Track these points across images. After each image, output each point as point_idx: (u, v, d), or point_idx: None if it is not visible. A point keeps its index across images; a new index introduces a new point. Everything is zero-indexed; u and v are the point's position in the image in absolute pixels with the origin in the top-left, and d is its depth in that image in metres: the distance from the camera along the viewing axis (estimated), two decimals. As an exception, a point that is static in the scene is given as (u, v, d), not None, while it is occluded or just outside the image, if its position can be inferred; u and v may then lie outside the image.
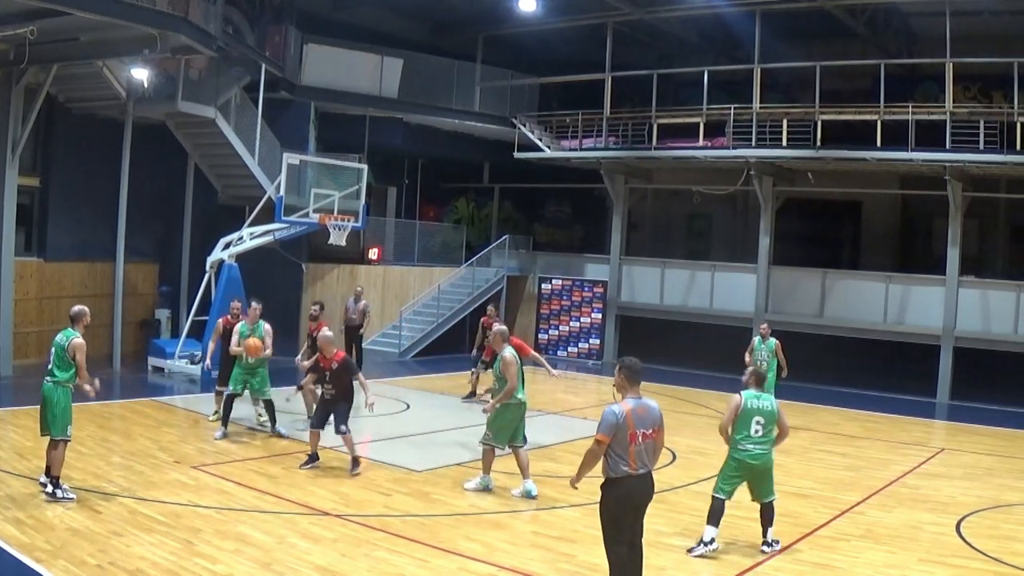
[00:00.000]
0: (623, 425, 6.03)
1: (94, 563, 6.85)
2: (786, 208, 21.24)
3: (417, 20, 23.83)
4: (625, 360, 6.35)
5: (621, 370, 6.29)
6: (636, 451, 6.06)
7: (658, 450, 6.31)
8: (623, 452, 6.03)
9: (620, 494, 6.09)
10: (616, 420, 6.04)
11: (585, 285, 23.47)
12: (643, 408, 6.20)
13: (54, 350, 8.59)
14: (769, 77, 20.43)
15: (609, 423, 6.05)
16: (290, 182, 17.06)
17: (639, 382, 6.28)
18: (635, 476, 6.07)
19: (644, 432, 6.12)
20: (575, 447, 12.55)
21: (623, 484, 6.06)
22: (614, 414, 6.07)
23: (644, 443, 6.12)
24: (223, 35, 16.06)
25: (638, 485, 6.13)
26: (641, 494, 6.20)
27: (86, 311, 8.87)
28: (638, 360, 6.34)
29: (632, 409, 6.12)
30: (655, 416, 6.25)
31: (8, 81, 14.84)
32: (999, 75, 18.41)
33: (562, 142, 22.99)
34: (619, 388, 6.29)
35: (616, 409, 6.10)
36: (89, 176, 17.87)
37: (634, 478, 6.07)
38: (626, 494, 6.09)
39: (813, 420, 15.47)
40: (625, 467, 6.03)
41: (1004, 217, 21.12)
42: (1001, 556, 8.17)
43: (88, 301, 17.51)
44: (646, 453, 6.15)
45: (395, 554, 7.58)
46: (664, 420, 6.36)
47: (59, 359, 8.52)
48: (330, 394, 10.27)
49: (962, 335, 18.27)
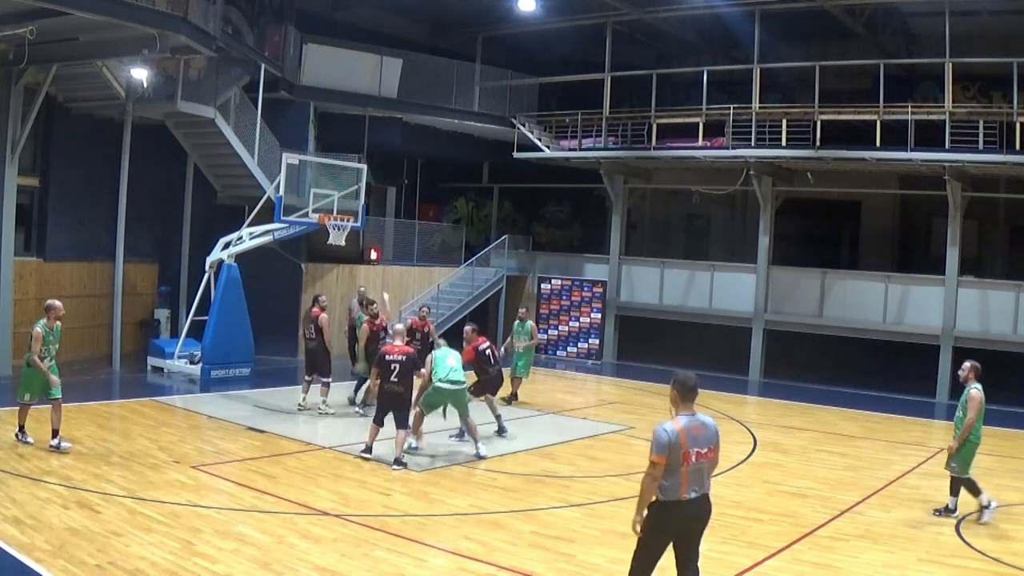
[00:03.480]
0: (676, 444, 5.56)
1: (94, 563, 6.85)
2: (785, 208, 21.24)
3: (416, 20, 23.84)
4: (678, 374, 5.85)
5: (674, 385, 5.80)
6: (689, 472, 5.60)
7: (712, 470, 5.86)
8: (675, 473, 5.57)
9: (666, 518, 5.67)
10: (669, 439, 5.57)
11: (584, 285, 23.48)
12: (698, 426, 5.71)
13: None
14: (768, 77, 20.45)
15: (662, 443, 5.57)
16: (289, 182, 17.04)
17: (693, 398, 5.78)
18: (685, 501, 5.62)
19: (699, 452, 5.65)
20: (574, 447, 12.59)
21: (672, 508, 5.62)
22: (666, 432, 5.60)
23: (698, 463, 5.65)
24: (222, 35, 16.04)
25: (689, 510, 5.67)
26: (694, 518, 5.76)
27: (56, 305, 10.83)
28: (692, 374, 5.82)
29: (685, 427, 5.64)
30: (711, 434, 5.77)
31: (8, 81, 14.84)
32: (998, 75, 18.40)
33: (561, 142, 22.99)
34: (672, 404, 5.82)
35: (668, 427, 5.62)
36: (88, 176, 17.87)
37: (684, 503, 5.62)
38: (673, 519, 5.67)
39: (812, 420, 15.48)
40: (676, 490, 5.59)
41: (1003, 217, 21.13)
42: (1000, 556, 8.17)
43: (87, 301, 17.74)
44: (700, 474, 5.68)
45: (394, 554, 7.58)
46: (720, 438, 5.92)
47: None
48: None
49: (961, 335, 18.26)
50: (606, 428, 13.93)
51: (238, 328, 16.45)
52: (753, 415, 16.23)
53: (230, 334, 16.28)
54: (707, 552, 7.81)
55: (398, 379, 10.68)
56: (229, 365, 16.31)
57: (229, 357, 16.32)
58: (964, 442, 9.31)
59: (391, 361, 10.71)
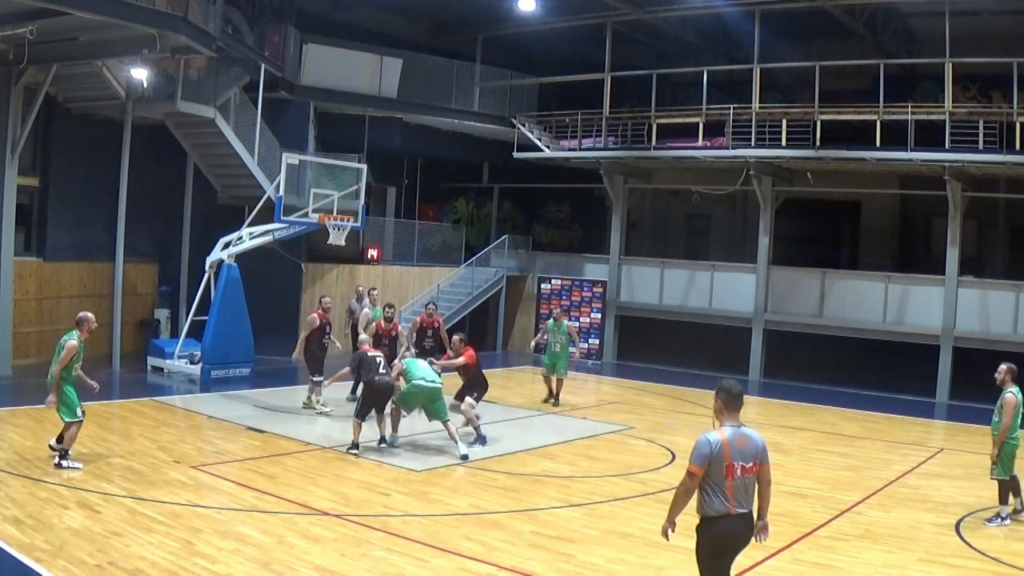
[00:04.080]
0: (718, 456, 5.33)
1: (94, 563, 6.85)
2: (785, 208, 21.23)
3: (416, 20, 23.83)
4: (723, 383, 5.62)
5: (719, 394, 5.57)
6: (734, 486, 5.35)
7: (766, 487, 5.59)
8: (719, 487, 5.35)
9: (717, 535, 5.42)
10: (710, 450, 5.33)
11: (584, 285, 23.48)
12: (742, 438, 5.45)
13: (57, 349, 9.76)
14: (768, 77, 20.45)
15: (702, 453, 5.34)
16: (289, 182, 17.04)
17: (739, 408, 5.56)
18: (734, 515, 5.38)
19: (743, 465, 5.39)
20: (574, 447, 12.59)
21: (720, 524, 5.38)
22: (708, 443, 5.35)
23: (743, 478, 5.40)
24: (222, 35, 16.04)
25: (738, 525, 5.43)
26: (740, 536, 5.51)
27: (89, 318, 9.95)
28: (737, 383, 5.61)
29: (729, 439, 5.39)
30: (757, 448, 5.49)
31: (8, 81, 14.84)
32: (998, 75, 18.40)
33: (561, 142, 22.99)
34: (716, 414, 5.59)
35: (711, 437, 5.38)
36: (88, 176, 17.87)
37: (733, 517, 5.38)
38: (723, 535, 5.42)
39: (812, 420, 15.48)
40: (723, 505, 5.35)
41: (1003, 217, 21.11)
42: (1000, 556, 8.17)
43: (87, 301, 17.68)
44: (745, 490, 5.44)
45: (394, 554, 7.58)
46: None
47: (57, 356, 9.64)
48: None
49: (961, 335, 18.27)
50: (606, 428, 13.93)
51: (238, 328, 16.45)
52: (753, 415, 16.19)
53: (230, 334, 16.28)
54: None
55: (386, 370, 11.42)
56: (229, 365, 16.31)
57: (229, 357, 16.32)
58: (1003, 446, 9.26)
59: (375, 356, 11.47)
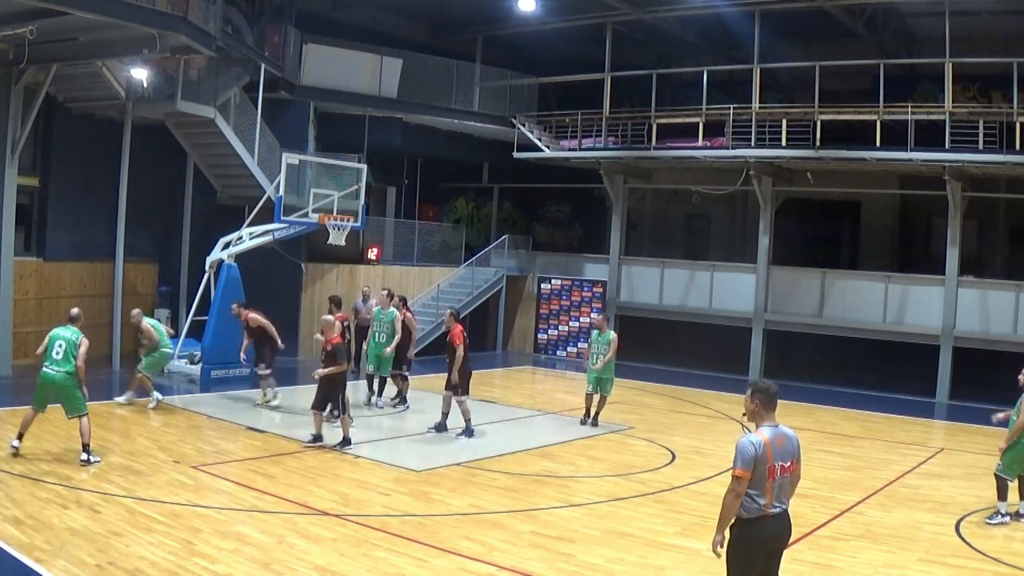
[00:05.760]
0: (762, 458, 5.32)
1: (93, 563, 6.85)
2: (785, 208, 21.23)
3: (416, 20, 23.83)
4: (759, 383, 5.60)
5: (755, 395, 5.52)
6: (773, 487, 5.37)
7: (795, 485, 5.62)
8: (759, 488, 5.34)
9: (752, 536, 5.38)
10: (755, 452, 5.31)
11: (584, 285, 23.48)
12: (781, 438, 5.48)
13: (64, 344, 9.81)
14: (768, 77, 20.44)
15: (748, 456, 5.31)
16: (289, 182, 17.05)
17: (775, 407, 5.53)
18: (771, 516, 5.38)
19: (783, 465, 5.42)
20: (574, 447, 12.59)
21: (757, 526, 5.37)
22: (752, 445, 5.33)
23: (782, 477, 5.42)
24: (222, 35, 16.04)
25: (774, 526, 5.43)
26: (777, 536, 5.51)
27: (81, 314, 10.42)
28: (773, 383, 5.59)
29: (770, 440, 5.40)
30: (794, 447, 5.55)
31: (8, 81, 14.83)
32: (998, 75, 18.39)
33: (561, 142, 22.98)
34: (752, 416, 5.55)
35: (754, 439, 5.37)
36: (88, 176, 17.87)
37: (770, 518, 5.38)
38: (759, 537, 5.40)
39: (812, 420, 15.47)
40: (759, 506, 5.34)
41: (1003, 217, 21.10)
42: (1000, 556, 8.18)
43: (87, 301, 17.69)
44: (783, 489, 5.47)
45: (394, 554, 7.58)
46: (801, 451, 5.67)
47: (71, 352, 9.79)
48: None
49: (961, 335, 18.27)
50: (606, 428, 13.93)
51: (238, 328, 16.36)
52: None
53: (230, 334, 16.21)
54: (705, 551, 7.83)
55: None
56: (229, 365, 16.29)
57: (229, 357, 16.30)
58: (1013, 444, 9.26)
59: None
